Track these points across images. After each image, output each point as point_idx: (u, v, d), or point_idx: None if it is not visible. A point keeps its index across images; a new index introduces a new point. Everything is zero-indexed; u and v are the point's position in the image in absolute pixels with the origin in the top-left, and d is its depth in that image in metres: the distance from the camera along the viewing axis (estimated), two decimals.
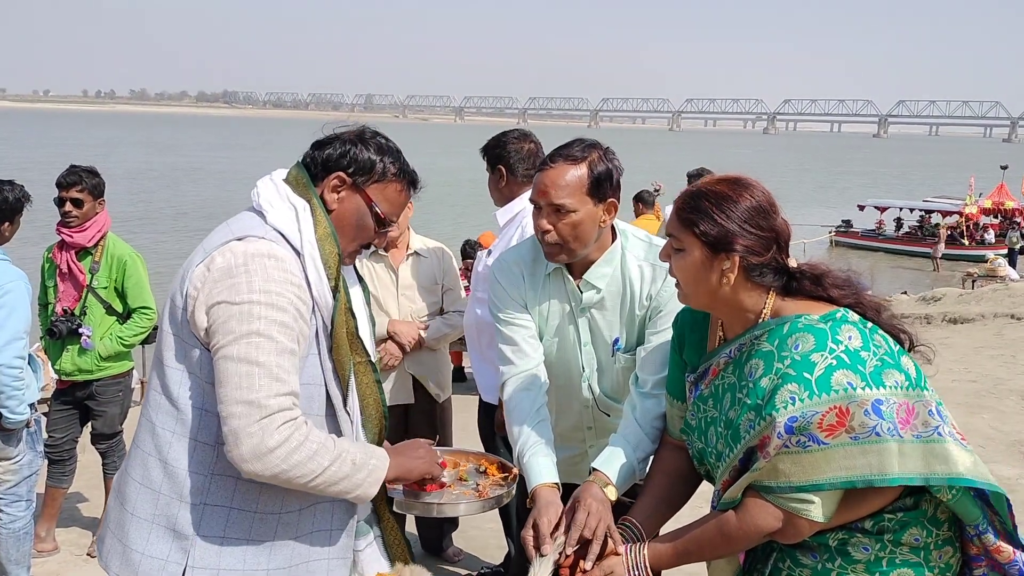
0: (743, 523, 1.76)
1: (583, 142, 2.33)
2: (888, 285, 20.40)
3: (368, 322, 2.02)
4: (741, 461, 1.76)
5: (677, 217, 1.80)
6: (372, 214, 1.87)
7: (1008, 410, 6.62)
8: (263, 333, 1.65)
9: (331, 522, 1.87)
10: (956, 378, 7.52)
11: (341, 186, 1.85)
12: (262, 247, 1.71)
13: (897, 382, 1.66)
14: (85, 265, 4.24)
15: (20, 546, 3.70)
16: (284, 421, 1.64)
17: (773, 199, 1.78)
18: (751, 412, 1.72)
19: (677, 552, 1.85)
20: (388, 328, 3.79)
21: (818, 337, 1.68)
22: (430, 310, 3.90)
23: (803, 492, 1.67)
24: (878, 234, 27.42)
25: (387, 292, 3.87)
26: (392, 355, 3.79)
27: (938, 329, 10.30)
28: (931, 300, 12.37)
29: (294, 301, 1.70)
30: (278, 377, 1.65)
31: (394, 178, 1.88)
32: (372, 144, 1.88)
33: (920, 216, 27.59)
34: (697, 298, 1.82)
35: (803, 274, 1.80)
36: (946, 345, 9.14)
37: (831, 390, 1.63)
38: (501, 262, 2.52)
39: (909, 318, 11.03)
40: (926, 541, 1.75)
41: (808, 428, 1.63)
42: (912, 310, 11.58)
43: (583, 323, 2.44)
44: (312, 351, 1.79)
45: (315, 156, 1.87)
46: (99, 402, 4.32)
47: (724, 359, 1.84)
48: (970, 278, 19.52)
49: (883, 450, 1.62)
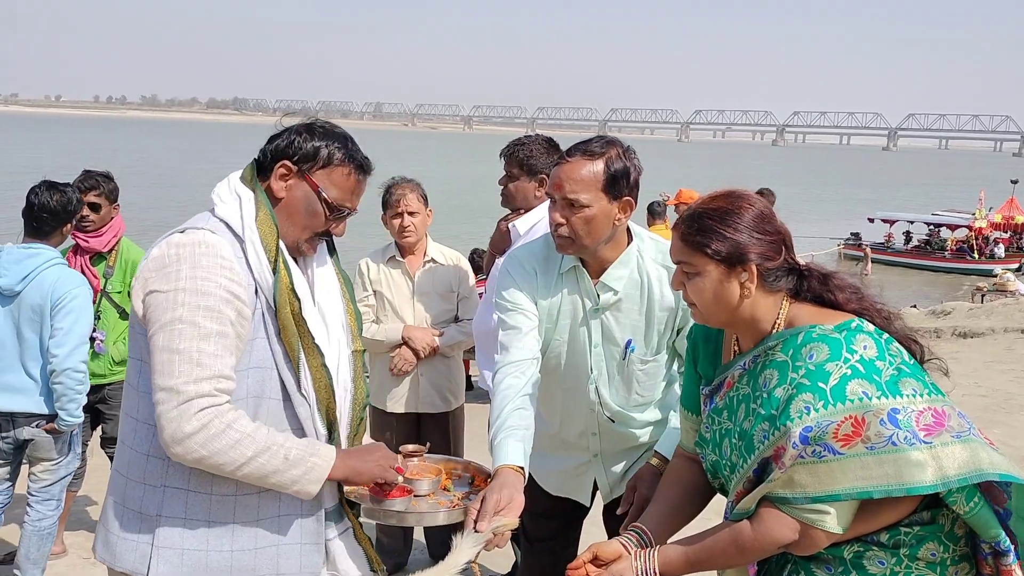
0: (758, 534, 1.74)
1: (603, 138, 2.34)
2: (897, 298, 20.33)
3: (314, 308, 1.95)
4: (755, 472, 1.75)
5: (684, 242, 1.79)
6: (320, 200, 1.88)
7: (1019, 425, 6.58)
8: (185, 320, 1.70)
9: (300, 508, 1.87)
10: (966, 393, 7.48)
11: (288, 174, 1.88)
12: (196, 236, 1.77)
13: (916, 390, 1.65)
14: (99, 270, 4.27)
15: (42, 545, 3.73)
16: (202, 407, 1.68)
17: (770, 207, 1.81)
18: (765, 422, 1.71)
19: (688, 560, 1.83)
20: (403, 334, 3.81)
21: (833, 347, 1.67)
22: (445, 317, 3.91)
23: (819, 503, 1.66)
24: (887, 247, 27.33)
25: (403, 298, 3.89)
26: (406, 361, 3.81)
27: (948, 343, 10.24)
28: (941, 314, 12.32)
29: (224, 284, 1.73)
30: (199, 362, 1.68)
31: (340, 163, 1.89)
32: (318, 132, 1.90)
33: (929, 230, 27.51)
34: (716, 317, 1.82)
35: (811, 272, 1.81)
36: (956, 359, 9.10)
37: (846, 399, 1.62)
38: (513, 258, 2.51)
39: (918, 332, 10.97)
40: (943, 556, 1.73)
41: (823, 438, 1.62)
42: (921, 324, 11.53)
43: (596, 325, 2.42)
44: (259, 334, 1.81)
45: (265, 149, 1.92)
46: (110, 406, 4.34)
47: (739, 371, 1.84)
48: (980, 292, 19.44)
49: (899, 459, 1.60)
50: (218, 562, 1.81)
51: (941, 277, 24.53)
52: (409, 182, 3.93)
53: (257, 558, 1.84)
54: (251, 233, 1.82)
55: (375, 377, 4.00)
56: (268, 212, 1.85)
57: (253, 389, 1.81)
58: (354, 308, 2.10)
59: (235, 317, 1.75)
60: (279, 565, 1.86)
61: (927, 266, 25.67)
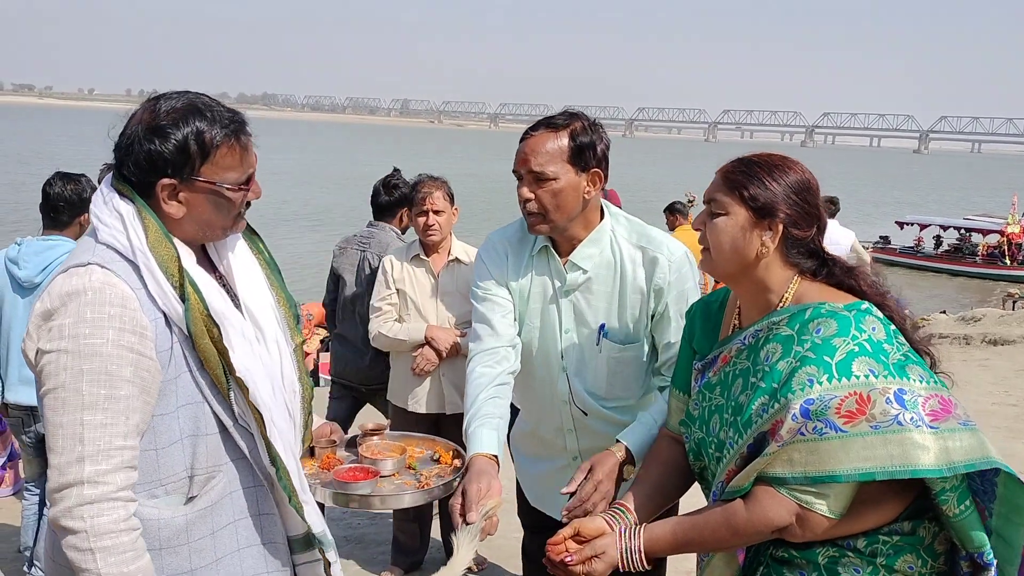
0: (753, 514, 1.66)
1: (567, 112, 2.29)
2: (926, 304, 20.06)
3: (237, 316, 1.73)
4: (750, 448, 1.68)
5: (724, 180, 1.76)
6: (222, 192, 1.65)
7: None
8: (68, 387, 1.51)
9: (261, 537, 1.75)
10: (996, 401, 7.36)
11: (175, 190, 1.63)
12: (77, 282, 1.54)
13: (922, 376, 1.61)
14: None
15: None
16: (80, 503, 1.48)
17: (816, 182, 1.77)
18: (765, 396, 1.65)
19: (676, 539, 1.75)
20: (426, 334, 3.80)
21: (841, 323, 1.63)
22: (468, 317, 3.83)
23: (819, 483, 1.59)
24: (916, 251, 26.97)
25: (426, 297, 3.88)
26: (428, 360, 3.80)
27: (977, 350, 10.10)
28: (971, 320, 12.14)
29: (112, 338, 1.52)
30: (81, 437, 1.50)
31: (216, 144, 1.62)
32: (166, 124, 1.60)
33: (960, 234, 27.10)
34: (726, 266, 1.76)
35: (835, 262, 1.77)
36: (985, 367, 8.96)
37: (852, 375, 1.57)
38: (488, 242, 2.47)
39: (948, 338, 10.83)
40: (920, 571, 1.67)
41: (825, 413, 1.56)
42: (951, 330, 11.37)
43: (567, 306, 2.35)
44: (182, 369, 1.62)
45: (125, 163, 1.64)
46: None
47: (737, 345, 1.78)
48: (1011, 299, 19.12)
49: (905, 440, 1.54)
50: None
51: (972, 283, 24.14)
52: (436, 180, 3.92)
53: None
54: (145, 259, 1.58)
55: (397, 376, 4.00)
56: (159, 231, 1.61)
57: (187, 428, 1.64)
58: (285, 296, 1.89)
59: (131, 373, 1.54)
60: None
61: (957, 271, 25.27)
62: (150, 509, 1.62)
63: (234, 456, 1.71)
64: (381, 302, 3.90)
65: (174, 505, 1.66)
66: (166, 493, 1.65)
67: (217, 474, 1.69)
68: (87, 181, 3.77)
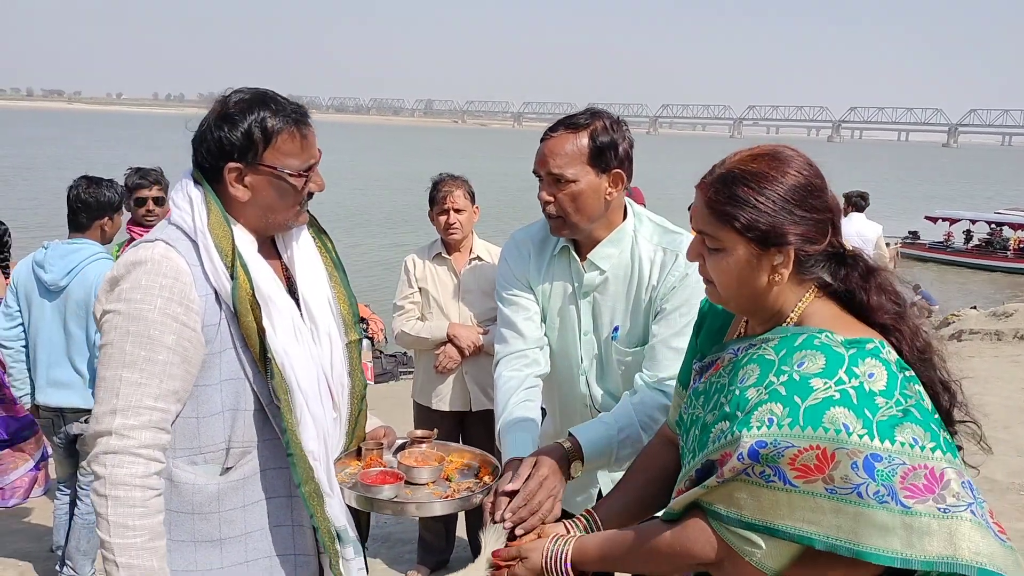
0: (674, 541, 1.49)
1: (590, 111, 2.22)
2: (956, 299, 19.79)
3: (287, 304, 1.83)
4: (698, 472, 1.49)
5: (710, 211, 1.46)
6: (284, 178, 1.77)
7: None
8: (115, 345, 1.65)
9: (291, 519, 1.83)
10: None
11: (241, 174, 1.77)
12: (142, 253, 1.70)
13: (917, 439, 1.31)
14: None
15: (91, 538, 3.80)
16: (107, 451, 1.62)
17: (819, 170, 1.48)
18: (725, 421, 1.44)
19: (602, 554, 1.62)
20: (448, 332, 3.80)
21: (830, 361, 1.37)
22: (490, 315, 3.88)
23: (753, 531, 1.38)
24: (946, 246, 26.61)
25: (448, 296, 3.88)
26: (451, 358, 3.81)
27: (1009, 346, 9.94)
28: (1002, 316, 11.93)
29: (160, 306, 1.66)
30: (117, 392, 1.63)
31: (278, 131, 1.76)
32: (235, 113, 1.75)
33: (991, 228, 26.70)
34: (737, 301, 1.52)
35: (856, 262, 1.49)
36: (1017, 363, 8.81)
37: (819, 426, 1.31)
38: (511, 240, 2.42)
39: (978, 334, 10.68)
40: None
41: (776, 460, 1.33)
42: (982, 326, 11.19)
43: (585, 307, 2.29)
44: (227, 345, 1.74)
45: (199, 151, 1.79)
46: None
47: (730, 355, 1.56)
48: None
49: (861, 516, 1.29)
50: None
51: (1003, 278, 23.77)
52: (456, 179, 3.92)
53: (250, 571, 1.79)
54: (204, 238, 1.73)
55: (420, 374, 4.01)
56: (219, 213, 1.75)
57: (228, 402, 1.75)
58: (347, 294, 1.98)
59: (173, 341, 1.66)
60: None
61: (988, 266, 24.90)
62: (188, 474, 1.75)
63: (268, 436, 1.79)
64: (403, 300, 3.92)
65: (210, 474, 1.76)
66: (204, 461, 1.76)
67: (252, 450, 1.78)
68: (109, 185, 3.79)
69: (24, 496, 4.21)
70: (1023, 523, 4.70)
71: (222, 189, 1.78)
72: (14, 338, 3.69)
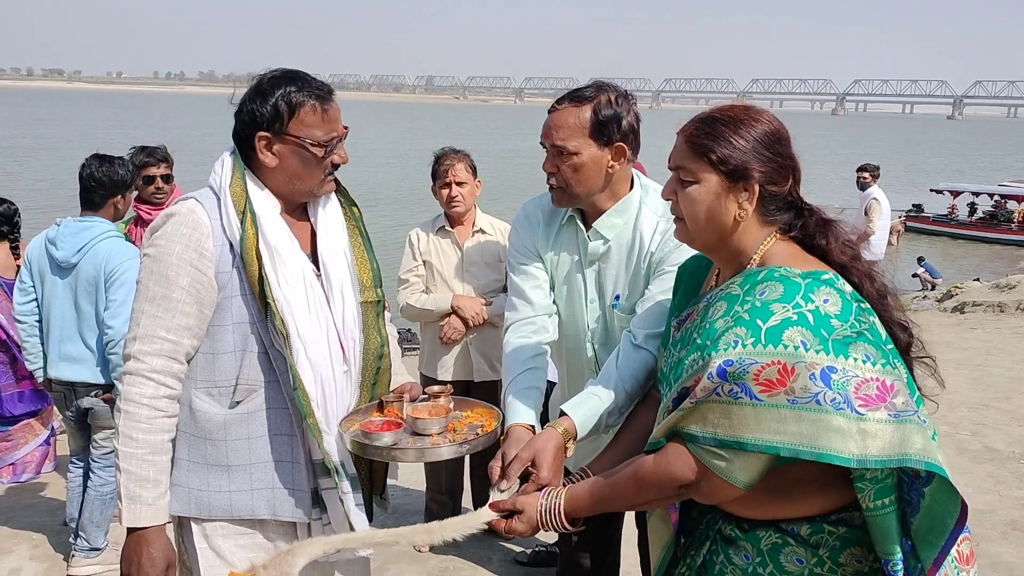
0: (657, 467, 1.59)
1: (597, 84, 2.26)
2: (960, 272, 19.78)
3: (347, 255, 2.08)
4: (675, 402, 1.59)
5: (689, 144, 1.63)
6: (308, 147, 1.95)
7: None
8: (141, 282, 1.93)
9: (292, 455, 1.99)
10: None
11: (269, 143, 1.96)
12: (176, 207, 1.95)
13: (869, 356, 1.46)
14: None
15: (104, 510, 3.87)
16: (126, 372, 1.89)
17: (787, 129, 1.65)
18: (696, 352, 1.56)
19: (593, 497, 1.70)
20: (452, 303, 3.85)
21: (788, 289, 1.50)
22: (494, 287, 3.93)
23: (724, 448, 1.49)
24: (950, 219, 26.54)
25: (452, 268, 3.92)
26: (456, 329, 3.85)
27: (1012, 317, 9.97)
28: (1005, 288, 11.95)
29: (179, 251, 1.89)
30: (137, 321, 1.90)
31: (302, 104, 1.94)
32: (267, 88, 1.96)
33: (995, 201, 26.61)
34: (704, 236, 1.65)
35: (812, 212, 1.66)
36: (1019, 334, 8.85)
37: (779, 343, 1.45)
38: (523, 210, 2.48)
39: (981, 305, 10.70)
40: (871, 566, 1.55)
41: (743, 377, 1.45)
42: (985, 298, 11.22)
43: (591, 276, 2.34)
44: (236, 291, 1.95)
45: (237, 122, 2.00)
46: None
47: (704, 304, 1.68)
48: None
49: (820, 421, 1.41)
50: (219, 502, 1.96)
51: (1007, 250, 23.74)
52: (458, 153, 3.96)
53: (254, 499, 1.97)
54: (224, 195, 1.95)
55: (425, 346, 4.06)
56: (240, 174, 1.97)
57: (238, 343, 1.96)
58: (369, 257, 2.15)
59: (188, 283, 1.89)
60: (275, 508, 1.98)
61: (992, 239, 24.86)
62: (203, 403, 1.97)
63: (272, 378, 1.98)
64: (408, 274, 3.95)
65: (220, 405, 1.98)
66: (219, 394, 1.98)
67: (258, 388, 1.97)
68: (121, 163, 3.81)
69: (36, 471, 4.29)
70: (1023, 491, 4.74)
71: (254, 156, 1.98)
72: (28, 313, 3.75)
